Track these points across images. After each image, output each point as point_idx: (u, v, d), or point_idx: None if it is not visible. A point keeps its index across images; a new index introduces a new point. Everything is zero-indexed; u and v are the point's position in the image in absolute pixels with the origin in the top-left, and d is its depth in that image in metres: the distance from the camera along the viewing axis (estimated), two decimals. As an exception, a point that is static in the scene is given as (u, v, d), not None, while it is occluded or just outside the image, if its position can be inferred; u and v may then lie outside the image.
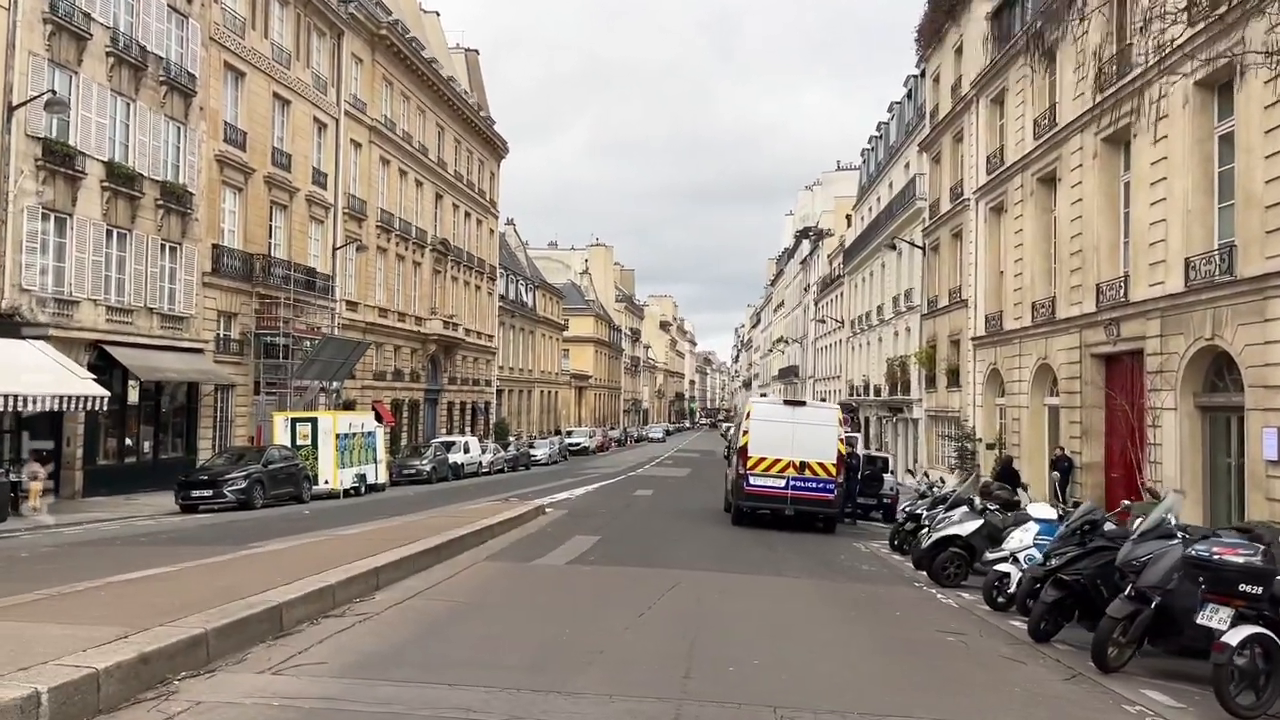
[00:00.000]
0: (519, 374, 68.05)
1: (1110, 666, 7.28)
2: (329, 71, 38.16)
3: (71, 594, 7.48)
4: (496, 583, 10.31)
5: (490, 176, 60.81)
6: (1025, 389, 24.87)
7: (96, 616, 6.48)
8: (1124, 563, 7.37)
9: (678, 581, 10.83)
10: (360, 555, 10.15)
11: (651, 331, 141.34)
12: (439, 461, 36.19)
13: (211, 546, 13.98)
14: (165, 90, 27.51)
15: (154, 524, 19.06)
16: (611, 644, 7.39)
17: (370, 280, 41.65)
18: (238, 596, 7.44)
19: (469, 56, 61.36)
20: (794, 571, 12.84)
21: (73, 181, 24.04)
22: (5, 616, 6.43)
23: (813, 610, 9.82)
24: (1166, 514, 7.61)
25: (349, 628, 7.51)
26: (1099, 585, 8.00)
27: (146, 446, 27.59)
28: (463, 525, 13.93)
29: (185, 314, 28.58)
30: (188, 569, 9.07)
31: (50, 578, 10.13)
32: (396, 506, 23.10)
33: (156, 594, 7.52)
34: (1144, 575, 7.15)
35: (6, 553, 13.34)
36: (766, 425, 18.74)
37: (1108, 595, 7.91)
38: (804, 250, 74.60)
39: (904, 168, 41.17)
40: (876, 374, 44.60)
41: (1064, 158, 22.59)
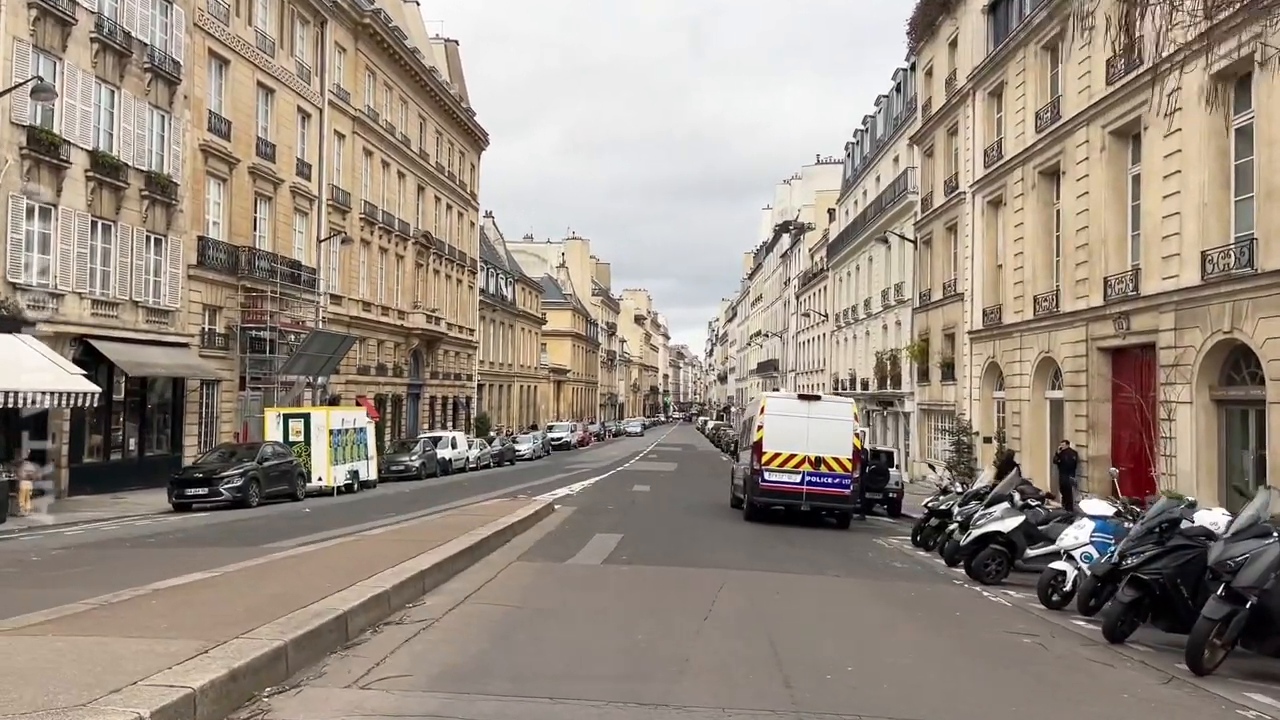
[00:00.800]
0: (499, 368, 67.48)
1: (1204, 669, 7.12)
2: (313, 60, 37.42)
3: (122, 603, 7.07)
4: (541, 585, 9.98)
5: (471, 169, 60.17)
6: (1026, 382, 24.88)
7: (163, 628, 6.10)
8: (1218, 563, 7.20)
9: (722, 582, 10.57)
10: (400, 557, 9.79)
11: (627, 325, 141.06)
12: (428, 457, 35.69)
13: (227, 548, 13.54)
14: (150, 78, 26.77)
15: (153, 523, 18.50)
16: (692, 650, 7.11)
17: (354, 274, 40.98)
18: (297, 604, 7.08)
19: (449, 47, 60.57)
20: (832, 569, 12.63)
21: (57, 171, 23.31)
22: (67, 630, 6.03)
23: (872, 610, 9.60)
24: (1260, 512, 7.45)
25: (415, 636, 7.17)
26: (1178, 585, 7.84)
27: (132, 444, 26.88)
28: (486, 524, 13.57)
29: (171, 307, 27.87)
30: (230, 574, 8.66)
31: (80, 583, 9.69)
32: (396, 504, 22.68)
33: (212, 602, 7.14)
34: (1240, 575, 6.98)
35: (15, 555, 12.80)
36: (781, 420, 18.52)
37: (1188, 595, 7.76)
38: (784, 244, 74.59)
39: (893, 161, 41.14)
40: (864, 368, 44.62)
41: (1069, 151, 22.55)
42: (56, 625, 6.21)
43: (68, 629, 6.07)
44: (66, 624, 6.25)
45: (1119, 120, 20.30)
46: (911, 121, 37.69)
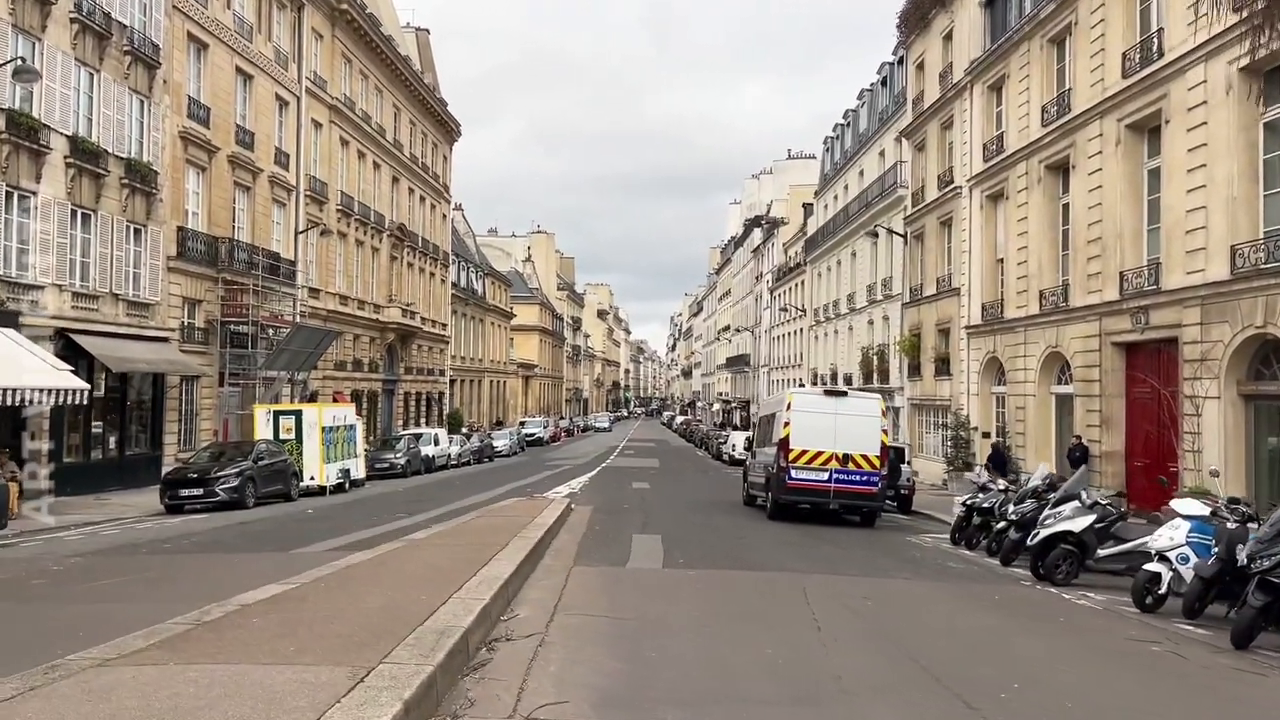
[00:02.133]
0: (470, 363, 66.53)
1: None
2: (290, 46, 36.32)
3: (222, 622, 6.45)
4: (620, 593, 9.47)
5: (443, 160, 59.14)
6: (1031, 377, 24.82)
7: (291, 651, 5.52)
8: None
9: (802, 587, 10.16)
10: (471, 564, 9.24)
11: (590, 320, 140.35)
12: (412, 454, 34.86)
13: (255, 554, 12.85)
14: (130, 61, 25.65)
15: (155, 526, 17.60)
16: (837, 667, 6.67)
17: (330, 266, 39.95)
18: (407, 619, 6.52)
19: (419, 36, 59.40)
20: (894, 571, 12.27)
21: (37, 157, 22.20)
22: (187, 656, 5.41)
23: (974, 617, 9.23)
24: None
25: (536, 654, 6.65)
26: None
27: (112, 443, 25.76)
28: (529, 527, 13.02)
29: (151, 301, 26.79)
30: (309, 585, 8.04)
31: (126, 596, 9.01)
32: (397, 504, 21.95)
33: (319, 619, 6.54)
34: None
35: (33, 564, 11.93)
36: (808, 416, 18.16)
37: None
38: (755, 239, 74.47)
39: (878, 155, 41.05)
40: (847, 362, 44.54)
41: (1079, 144, 22.47)
42: (168, 651, 5.59)
43: (186, 655, 5.45)
44: (178, 649, 5.63)
45: (1136, 114, 20.22)
46: (900, 115, 37.59)
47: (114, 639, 6.01)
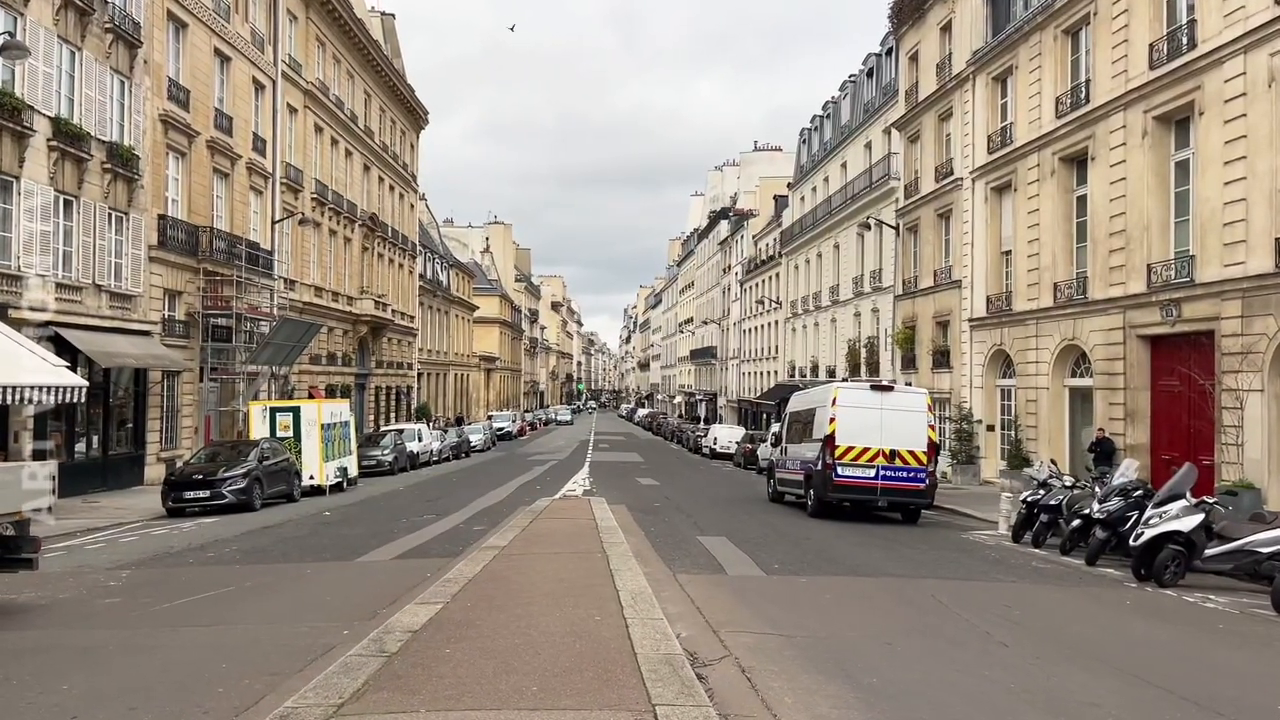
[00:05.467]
0: (436, 356, 65.22)
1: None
2: (266, 27, 34.89)
3: (411, 652, 5.74)
4: (758, 605, 8.95)
5: (411, 148, 57.74)
6: (1044, 370, 24.79)
7: (536, 691, 4.90)
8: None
9: (930, 594, 9.81)
10: (595, 575, 8.64)
11: (545, 312, 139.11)
12: (399, 451, 33.82)
13: (320, 562, 12.03)
14: (111, 39, 24.27)
15: (171, 531, 16.54)
16: (1076, 690, 6.22)
17: (305, 257, 38.60)
18: (606, 645, 5.93)
19: (385, 20, 57.79)
20: (996, 574, 11.90)
21: (20, 139, 20.85)
22: (421, 698, 4.74)
23: (1134, 626, 8.90)
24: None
25: (751, 681, 6.06)
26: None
27: (95, 442, 24.42)
28: (601, 531, 12.43)
29: (133, 292, 25.46)
30: (453, 605, 7.34)
31: (218, 616, 8.21)
32: (412, 503, 21.11)
33: (514, 648, 5.91)
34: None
35: (81, 578, 10.94)
36: (854, 412, 17.76)
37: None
38: (722, 231, 74.20)
39: (864, 147, 40.91)
40: (830, 355, 44.46)
41: (1099, 136, 22.40)
42: (395, 693, 4.93)
43: (422, 698, 4.79)
44: (403, 689, 4.97)
45: (1165, 105, 20.16)
46: (889, 107, 37.46)
47: (277, 669, 5.35)
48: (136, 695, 5.95)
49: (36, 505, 7.68)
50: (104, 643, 7.57)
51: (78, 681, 6.37)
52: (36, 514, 9.57)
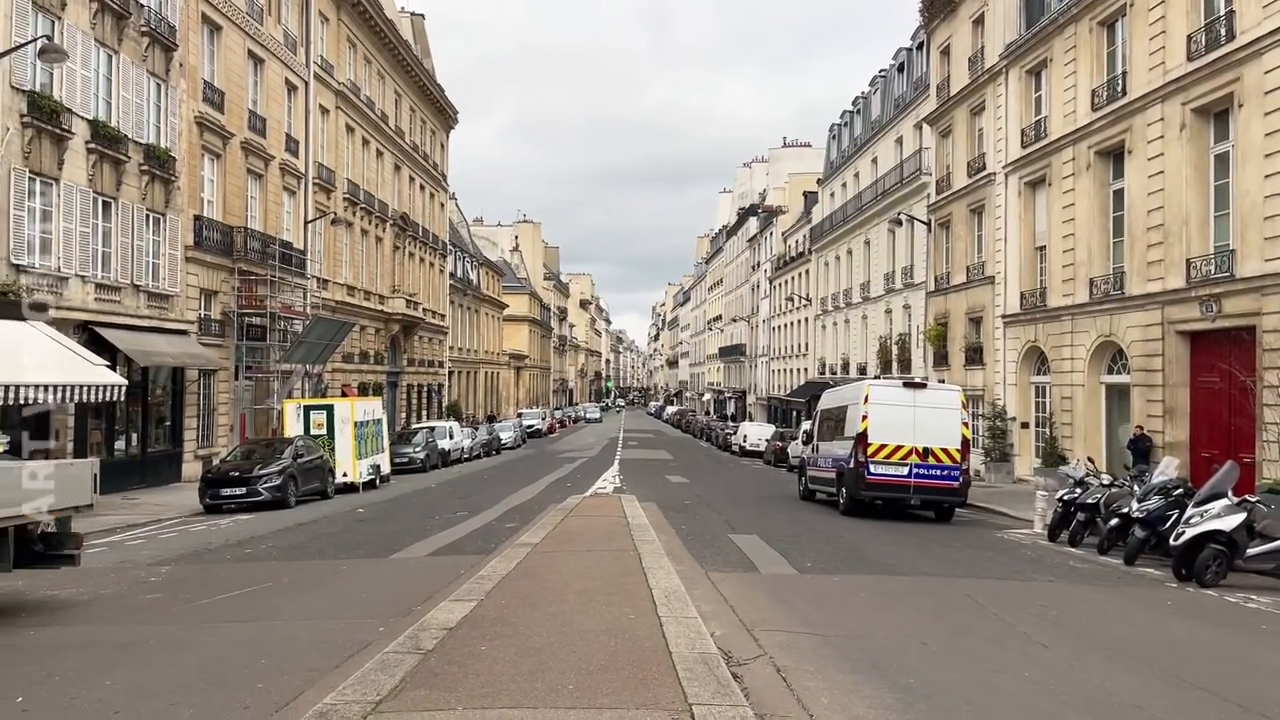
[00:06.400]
0: (466, 354, 65.56)
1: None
2: (298, 29, 35.22)
3: (448, 649, 5.77)
4: (792, 604, 8.91)
5: (441, 148, 58.08)
6: (1079, 367, 24.47)
7: (572, 690, 4.90)
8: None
9: (965, 593, 9.72)
10: (626, 571, 8.64)
11: (573, 310, 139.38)
12: (430, 448, 34.04)
13: (355, 560, 12.12)
14: (147, 42, 24.60)
15: (209, 528, 16.76)
16: (1117, 691, 6.15)
17: (338, 256, 38.94)
18: (641, 644, 5.90)
19: (414, 21, 58.17)
20: (1032, 574, 11.76)
21: (59, 142, 21.18)
22: (457, 696, 4.75)
23: (1175, 626, 8.75)
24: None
25: (787, 681, 6.02)
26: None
27: (134, 439, 24.79)
28: (633, 530, 12.42)
29: (170, 292, 25.80)
30: (487, 603, 7.36)
31: (271, 612, 8.29)
32: (444, 501, 21.23)
33: (549, 645, 5.91)
34: None
35: (120, 573, 11.13)
36: (886, 409, 17.63)
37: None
38: (751, 228, 73.92)
39: (895, 143, 40.59)
40: (860, 352, 44.18)
41: (1137, 129, 22.06)
42: (433, 690, 4.94)
43: (459, 696, 4.80)
44: (441, 687, 4.98)
45: (1203, 98, 19.81)
46: (920, 101, 37.13)
47: (314, 665, 5.40)
48: (178, 691, 6.02)
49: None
50: (145, 638, 7.68)
51: (120, 677, 6.46)
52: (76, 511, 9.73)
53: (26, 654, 7.31)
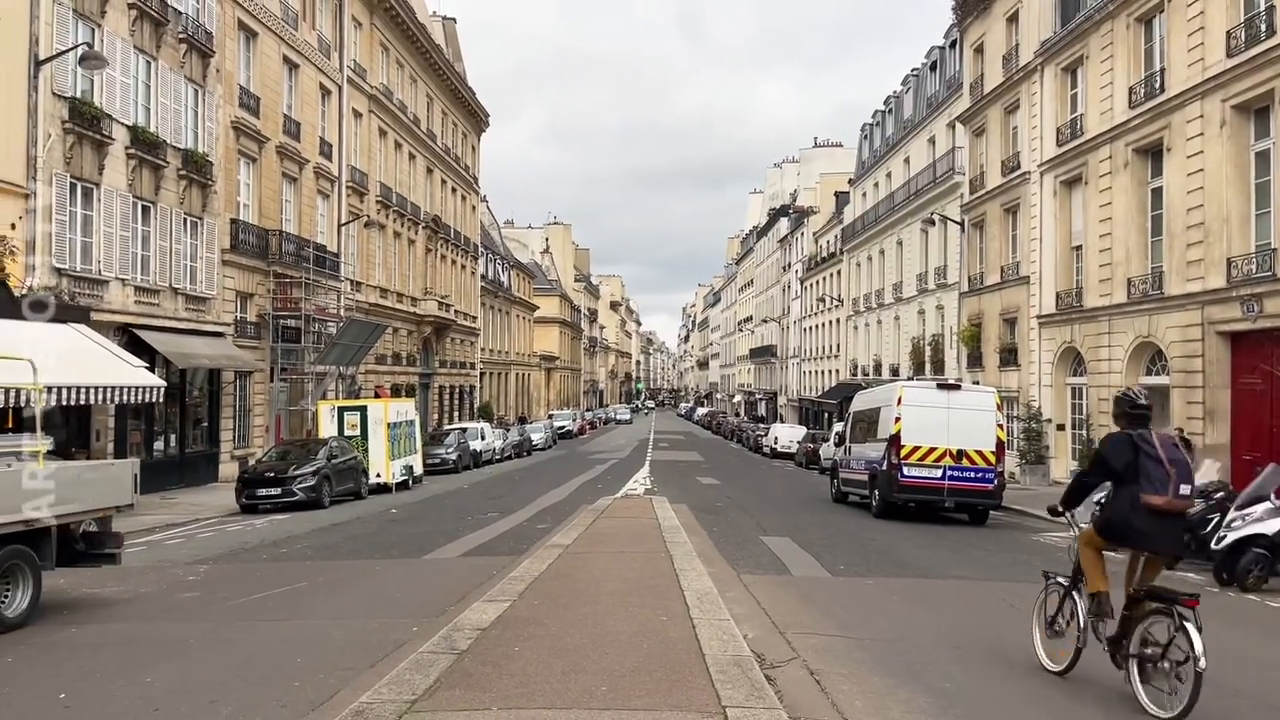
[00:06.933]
0: (497, 356, 65.89)
1: None
2: (332, 34, 35.61)
3: (482, 650, 5.80)
4: (825, 606, 8.85)
5: (472, 150, 58.43)
6: (1117, 368, 24.12)
7: (605, 691, 4.90)
8: None
9: (998, 596, 9.64)
10: (660, 574, 8.62)
11: (603, 311, 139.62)
12: (462, 449, 34.24)
13: (386, 560, 12.22)
14: (185, 49, 24.97)
15: (245, 528, 16.98)
16: (1230, 710, 5.99)
17: (371, 259, 39.30)
18: (673, 646, 5.89)
19: (446, 25, 58.60)
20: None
21: (100, 147, 21.55)
22: (492, 695, 4.77)
23: (1223, 633, 8.57)
24: None
25: (820, 684, 5.98)
26: None
27: (172, 440, 25.16)
28: (664, 530, 12.40)
29: (207, 295, 26.16)
30: (520, 604, 7.39)
31: (307, 611, 8.38)
32: (476, 502, 21.34)
33: (582, 647, 5.91)
34: None
35: (160, 571, 11.31)
36: (919, 411, 17.48)
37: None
38: (782, 228, 73.65)
39: (928, 142, 40.26)
40: (893, 353, 43.86)
41: (1175, 126, 21.73)
42: (468, 690, 4.97)
43: (494, 696, 4.82)
44: (475, 687, 5.00)
45: (1243, 94, 19.47)
46: (953, 100, 36.81)
47: (349, 664, 5.44)
48: (217, 688, 6.10)
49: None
50: (185, 636, 7.79)
51: (160, 674, 6.56)
52: (118, 510, 9.88)
53: (69, 651, 7.44)
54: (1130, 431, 6.24)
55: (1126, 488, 6.08)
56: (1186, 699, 5.50)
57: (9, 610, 8.25)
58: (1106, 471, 6.28)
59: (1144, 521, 5.97)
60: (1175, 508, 5.98)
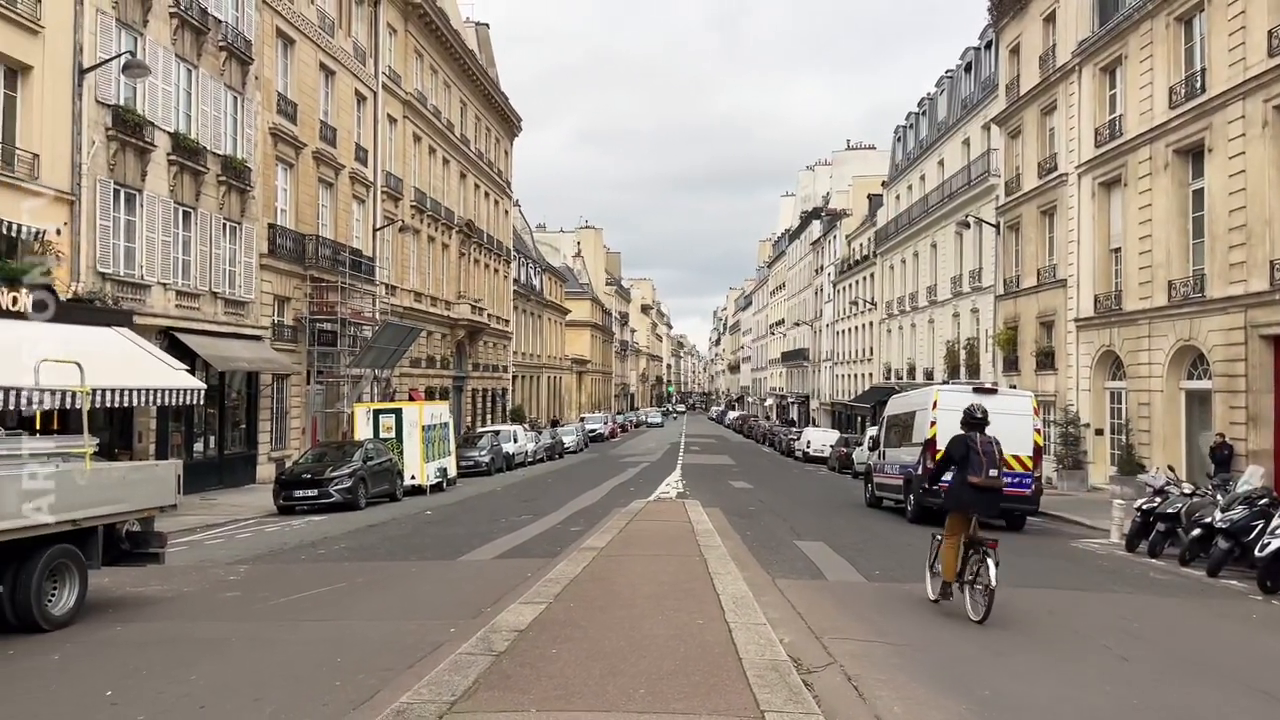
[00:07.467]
0: (530, 359, 66.16)
1: None
2: (367, 41, 36.00)
3: (519, 652, 5.84)
4: (859, 611, 8.81)
5: (505, 155, 58.76)
6: (1158, 372, 23.77)
7: (643, 695, 4.91)
8: None
9: (1039, 603, 9.44)
10: (695, 578, 8.61)
11: (634, 315, 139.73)
12: (495, 452, 34.43)
13: (422, 562, 12.34)
14: (224, 57, 25.36)
15: (283, 529, 17.20)
16: (1212, 711, 5.93)
17: (405, 263, 39.64)
18: (709, 650, 5.89)
19: (479, 30, 59.02)
20: (1108, 585, 11.46)
21: (142, 154, 21.93)
22: (531, 697, 4.80)
23: (1271, 642, 8.44)
24: None
25: (858, 690, 5.95)
26: None
27: (212, 442, 25.53)
28: (699, 534, 12.39)
29: (246, 299, 26.53)
30: (556, 606, 7.42)
31: (346, 612, 8.47)
32: (509, 504, 21.44)
33: (619, 650, 5.95)
34: None
35: (203, 571, 11.50)
36: (956, 415, 17.24)
37: None
38: (814, 231, 73.33)
39: (962, 144, 39.93)
40: (927, 356, 43.51)
41: (1217, 127, 21.39)
42: (506, 692, 5.01)
43: (532, 698, 4.85)
44: (514, 689, 5.03)
45: (1289, 93, 19.12)
46: (988, 101, 36.48)
47: (388, 665, 5.49)
48: (259, 687, 6.20)
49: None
50: (227, 635, 7.91)
51: (203, 672, 6.67)
52: (162, 511, 10.06)
53: (115, 649, 7.58)
54: (966, 434, 9.15)
55: (960, 471, 8.84)
56: (986, 608, 8.28)
57: (56, 608, 8.42)
58: (950, 460, 9.11)
59: (969, 494, 8.79)
60: (989, 484, 8.81)
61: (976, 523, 8.80)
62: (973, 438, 9.01)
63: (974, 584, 8.48)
